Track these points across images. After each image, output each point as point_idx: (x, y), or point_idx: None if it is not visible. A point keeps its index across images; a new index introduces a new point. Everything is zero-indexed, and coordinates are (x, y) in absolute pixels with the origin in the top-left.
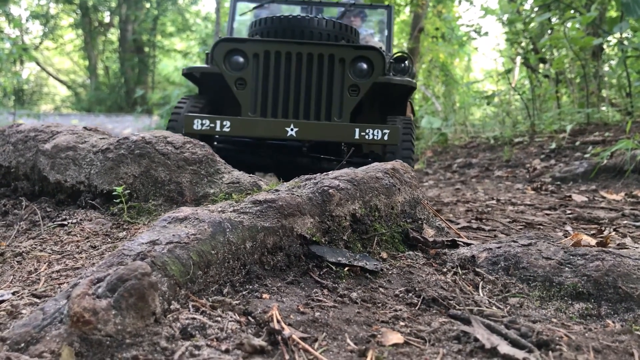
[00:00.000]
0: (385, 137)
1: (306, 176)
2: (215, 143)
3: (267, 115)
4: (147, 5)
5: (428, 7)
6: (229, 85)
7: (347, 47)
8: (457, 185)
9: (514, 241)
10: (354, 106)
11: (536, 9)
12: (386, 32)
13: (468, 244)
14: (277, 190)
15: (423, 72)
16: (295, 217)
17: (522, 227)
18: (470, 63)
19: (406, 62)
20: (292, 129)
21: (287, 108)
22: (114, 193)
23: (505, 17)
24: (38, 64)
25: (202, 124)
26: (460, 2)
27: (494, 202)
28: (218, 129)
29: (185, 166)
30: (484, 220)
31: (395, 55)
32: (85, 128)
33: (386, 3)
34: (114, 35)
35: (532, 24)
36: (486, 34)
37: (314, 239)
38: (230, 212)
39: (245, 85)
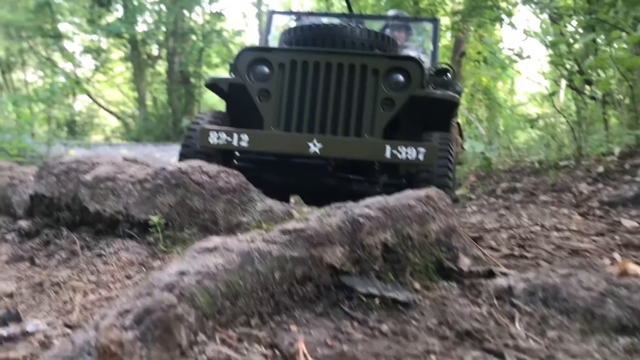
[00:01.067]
0: (421, 157)
1: (336, 204)
2: (236, 162)
3: (292, 130)
4: (193, 37)
5: (469, 31)
6: (252, 97)
7: (381, 57)
8: (501, 210)
9: (553, 270)
10: (388, 122)
11: (580, 30)
12: (431, 47)
13: (505, 274)
14: (306, 219)
15: (466, 96)
16: (325, 247)
17: (567, 254)
18: (513, 86)
19: (448, 74)
20: (315, 145)
21: (313, 122)
22: (150, 222)
23: (548, 39)
24: (90, 96)
25: (219, 138)
26: (501, 25)
27: (539, 228)
28: (235, 143)
29: (219, 195)
30: (527, 248)
31: (437, 67)
32: (124, 159)
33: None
34: (161, 67)
35: (577, 46)
36: (528, 56)
37: (344, 268)
38: (260, 241)
39: (269, 97)
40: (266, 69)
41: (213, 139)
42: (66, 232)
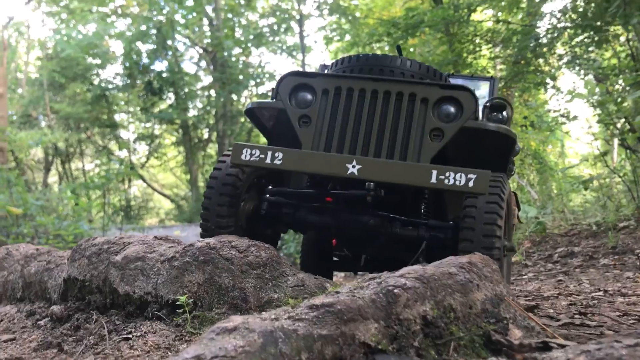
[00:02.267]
0: (471, 184)
1: (370, 275)
2: (268, 196)
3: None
4: (242, 119)
5: (514, 97)
6: (292, 122)
7: (431, 85)
8: (559, 276)
9: (618, 341)
10: (435, 153)
11: (627, 87)
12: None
13: (563, 346)
14: (337, 293)
15: (515, 161)
16: (357, 323)
17: (634, 321)
18: (564, 148)
19: (505, 112)
20: (353, 166)
21: (355, 148)
22: (178, 303)
23: (595, 99)
24: (144, 180)
25: (252, 154)
26: (546, 89)
27: (601, 293)
28: (268, 160)
29: (249, 270)
30: (589, 315)
31: (492, 102)
32: (155, 237)
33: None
34: (212, 149)
35: (625, 104)
36: (575, 117)
37: (379, 346)
38: (285, 319)
39: (310, 123)
40: (309, 95)
41: (246, 155)
42: (96, 316)
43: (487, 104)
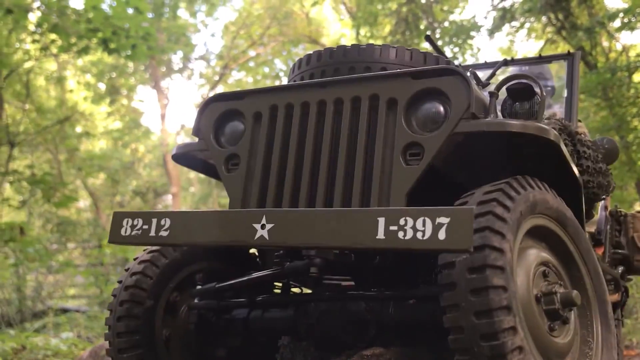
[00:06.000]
0: (441, 235)
1: None
2: (196, 300)
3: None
4: None
5: None
6: (217, 168)
7: (399, 76)
8: None
9: None
10: (413, 184)
11: None
12: (565, 92)
13: None
14: None
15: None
16: None
17: None
18: None
19: (537, 97)
20: (263, 226)
21: (296, 197)
22: None
23: None
24: None
25: (133, 227)
26: None
27: None
28: (153, 232)
29: None
30: None
31: (511, 86)
32: None
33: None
34: None
35: None
36: None
37: None
38: None
39: (239, 166)
40: (241, 125)
41: (126, 229)
42: None
43: (507, 89)
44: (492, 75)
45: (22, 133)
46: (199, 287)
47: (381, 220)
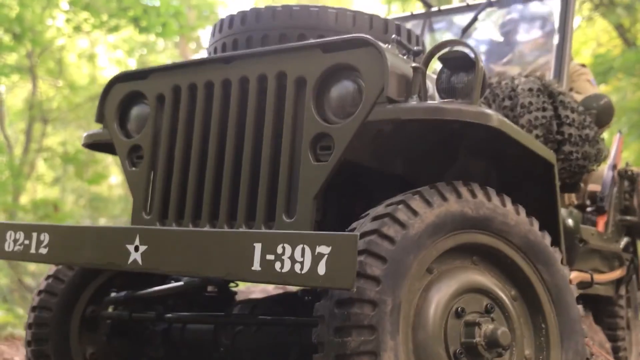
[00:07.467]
0: (320, 269)
1: None
2: (110, 310)
3: (173, 217)
4: None
5: None
6: (121, 162)
7: (307, 48)
8: None
9: None
10: (322, 184)
11: None
12: (556, 39)
13: None
14: None
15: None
16: None
17: None
18: None
19: (475, 71)
20: (136, 248)
21: (199, 200)
22: None
23: None
24: None
25: (15, 241)
26: None
27: None
28: (33, 249)
29: None
30: None
31: (443, 53)
32: None
33: None
34: None
35: None
36: None
37: None
38: None
39: (141, 160)
40: (147, 109)
41: (9, 243)
42: None
43: (439, 59)
44: (474, 20)
45: (55, 110)
46: (113, 294)
47: (257, 247)
